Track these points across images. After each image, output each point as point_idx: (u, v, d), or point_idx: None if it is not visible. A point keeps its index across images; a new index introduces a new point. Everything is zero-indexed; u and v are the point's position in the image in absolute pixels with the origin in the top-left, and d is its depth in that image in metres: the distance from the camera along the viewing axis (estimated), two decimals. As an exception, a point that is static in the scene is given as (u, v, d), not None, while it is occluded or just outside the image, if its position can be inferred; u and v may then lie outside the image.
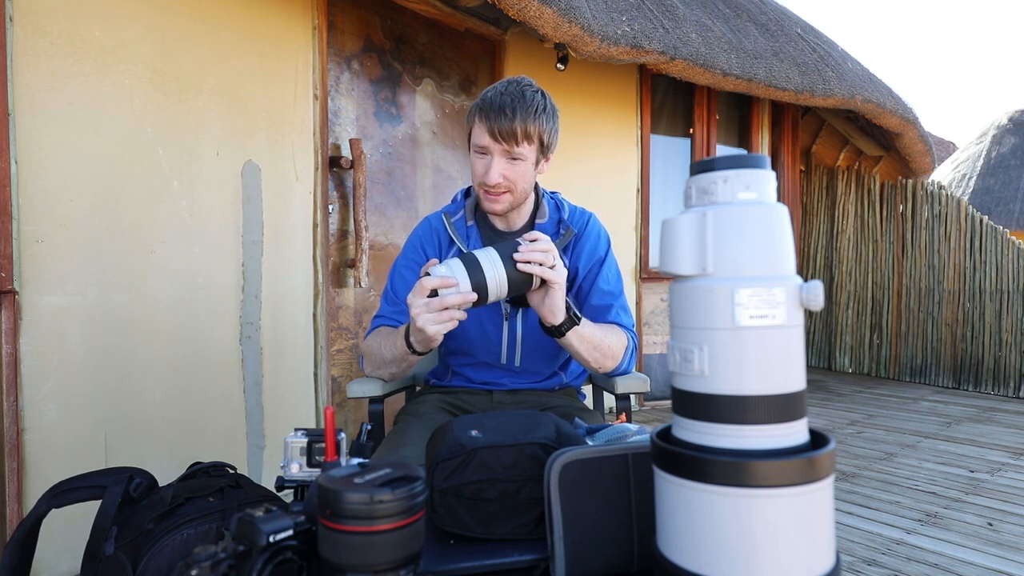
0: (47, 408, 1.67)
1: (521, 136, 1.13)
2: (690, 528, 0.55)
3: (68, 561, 1.68)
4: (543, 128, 1.16)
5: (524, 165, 1.17)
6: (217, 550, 0.52)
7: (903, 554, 1.90)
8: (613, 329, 1.22)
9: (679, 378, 0.59)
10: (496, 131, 1.12)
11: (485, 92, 1.17)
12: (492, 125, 1.12)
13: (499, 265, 0.99)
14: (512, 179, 1.16)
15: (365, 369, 1.27)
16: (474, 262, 0.98)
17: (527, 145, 1.15)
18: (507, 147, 1.13)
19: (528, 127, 1.13)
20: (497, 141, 1.13)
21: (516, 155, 1.15)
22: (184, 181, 1.96)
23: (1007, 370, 4.31)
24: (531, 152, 1.16)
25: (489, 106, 1.13)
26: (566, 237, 1.25)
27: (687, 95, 4.00)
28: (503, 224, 1.27)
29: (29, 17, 1.64)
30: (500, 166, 1.15)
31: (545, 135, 1.17)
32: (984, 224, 4.43)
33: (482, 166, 1.16)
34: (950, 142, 10.64)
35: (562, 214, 1.29)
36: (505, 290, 1.00)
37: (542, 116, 1.15)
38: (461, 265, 0.98)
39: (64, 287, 1.70)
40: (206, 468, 0.93)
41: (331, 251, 2.43)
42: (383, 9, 2.58)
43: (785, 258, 0.57)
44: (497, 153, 1.14)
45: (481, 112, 1.14)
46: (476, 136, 1.16)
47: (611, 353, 1.18)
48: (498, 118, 1.12)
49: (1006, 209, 7.39)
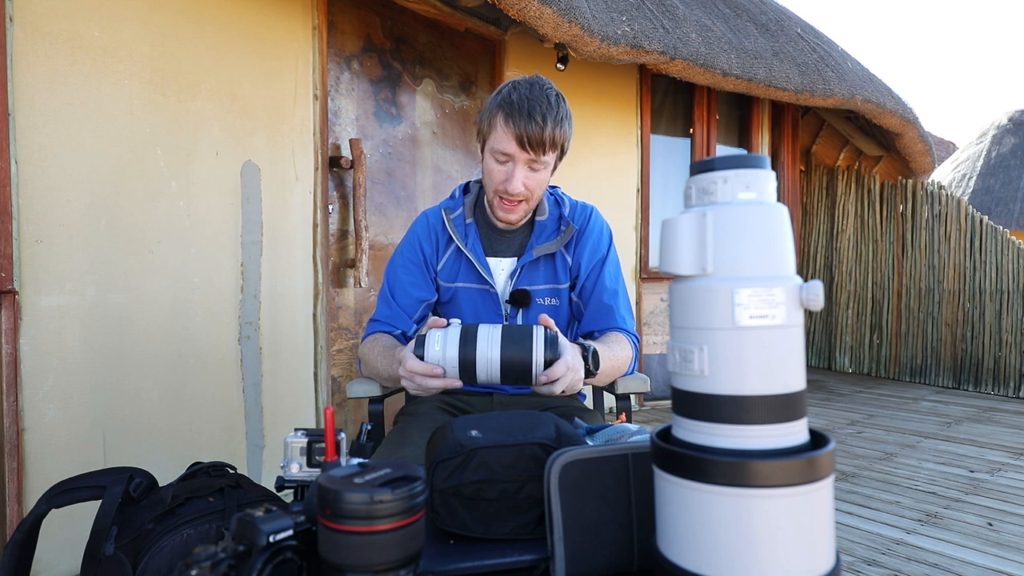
0: (47, 408, 1.67)
1: (549, 146, 1.08)
2: (690, 528, 0.55)
3: (68, 561, 1.68)
4: (567, 135, 1.12)
5: (545, 173, 1.14)
6: (217, 550, 0.52)
7: (903, 554, 1.90)
8: (620, 343, 1.19)
9: (679, 378, 0.59)
10: (526, 139, 1.06)
11: (506, 93, 1.10)
12: (522, 132, 1.06)
13: (496, 349, 0.91)
14: (531, 188, 1.13)
15: (363, 372, 1.26)
16: (471, 339, 0.91)
17: (552, 153, 1.11)
18: (534, 156, 1.09)
19: (556, 135, 1.08)
20: (525, 150, 1.08)
21: (539, 163, 1.10)
22: (183, 181, 1.95)
23: (1007, 370, 4.31)
24: (552, 160, 1.14)
25: (517, 111, 1.06)
26: (567, 234, 1.23)
27: (687, 95, 4.00)
28: (504, 222, 1.25)
29: (29, 17, 1.64)
30: (522, 174, 1.10)
31: (566, 142, 1.13)
32: (984, 224, 4.43)
33: (503, 173, 1.11)
34: (950, 142, 10.64)
35: (562, 209, 1.26)
36: (497, 376, 0.92)
37: (565, 122, 1.11)
38: (456, 339, 0.91)
39: (63, 287, 1.70)
40: (206, 468, 0.93)
41: (331, 251, 2.43)
42: (383, 9, 2.58)
43: (785, 258, 0.57)
44: (521, 161, 1.10)
45: (507, 116, 1.07)
46: (498, 141, 1.10)
47: (622, 369, 1.19)
48: (529, 125, 1.06)
49: (1006, 209, 7.39)
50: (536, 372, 0.91)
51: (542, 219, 1.25)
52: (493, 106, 1.12)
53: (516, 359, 0.91)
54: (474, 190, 1.30)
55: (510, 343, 0.91)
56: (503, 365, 0.91)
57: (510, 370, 0.91)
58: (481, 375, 0.92)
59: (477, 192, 1.29)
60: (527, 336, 0.92)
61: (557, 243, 1.23)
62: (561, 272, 1.24)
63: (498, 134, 1.10)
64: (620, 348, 1.17)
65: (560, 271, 1.24)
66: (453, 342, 0.91)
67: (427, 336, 0.93)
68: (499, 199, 1.15)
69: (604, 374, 1.11)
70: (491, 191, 1.17)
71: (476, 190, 1.30)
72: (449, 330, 0.93)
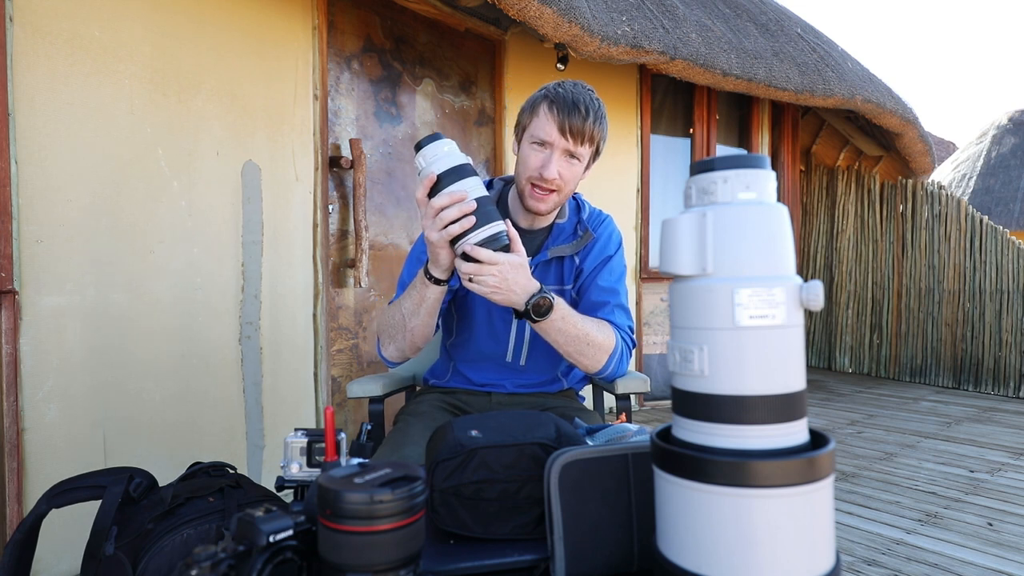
0: (47, 408, 1.67)
1: (587, 137, 1.12)
2: (690, 528, 0.55)
3: (68, 561, 1.68)
4: (603, 133, 1.16)
5: (579, 167, 1.16)
6: (217, 550, 0.52)
7: (903, 554, 1.90)
8: (601, 325, 1.16)
9: (679, 378, 0.59)
10: (568, 126, 1.10)
11: (552, 87, 1.15)
12: (564, 120, 1.10)
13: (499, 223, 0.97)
14: (565, 178, 1.15)
15: (381, 349, 1.21)
16: (460, 177, 0.96)
17: (588, 147, 1.14)
18: (572, 145, 1.12)
19: (594, 130, 1.13)
20: (565, 137, 1.11)
21: (576, 154, 1.14)
22: (184, 181, 1.96)
23: (1007, 370, 4.31)
24: (587, 155, 1.16)
25: (562, 101, 1.11)
26: (584, 239, 1.24)
27: (687, 95, 4.00)
28: (525, 222, 1.25)
29: (29, 17, 1.64)
30: (559, 162, 1.13)
31: (602, 142, 1.17)
32: (984, 224, 4.43)
33: (540, 159, 1.14)
34: (950, 142, 10.64)
35: (582, 215, 1.28)
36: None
37: (604, 120, 1.15)
38: (452, 165, 0.95)
39: (64, 287, 1.70)
40: (206, 468, 0.93)
41: (331, 251, 2.43)
42: (383, 9, 2.58)
43: (785, 258, 0.57)
44: (559, 149, 1.13)
45: (552, 105, 1.12)
46: (539, 129, 1.13)
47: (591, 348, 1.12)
48: (572, 114, 1.10)
49: (1006, 209, 7.39)
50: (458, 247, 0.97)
51: (561, 222, 1.26)
52: (537, 97, 1.16)
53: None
54: (497, 187, 1.30)
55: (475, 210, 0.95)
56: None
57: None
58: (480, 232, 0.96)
59: (500, 189, 1.30)
60: (487, 218, 0.96)
61: (573, 247, 1.24)
62: (568, 273, 1.25)
63: (540, 120, 1.13)
64: (596, 327, 1.14)
65: (567, 272, 1.25)
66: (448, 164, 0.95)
67: (434, 143, 0.96)
68: (531, 187, 1.16)
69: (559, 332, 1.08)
70: (524, 179, 1.17)
71: (499, 187, 1.30)
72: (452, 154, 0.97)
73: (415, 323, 1.12)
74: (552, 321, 1.05)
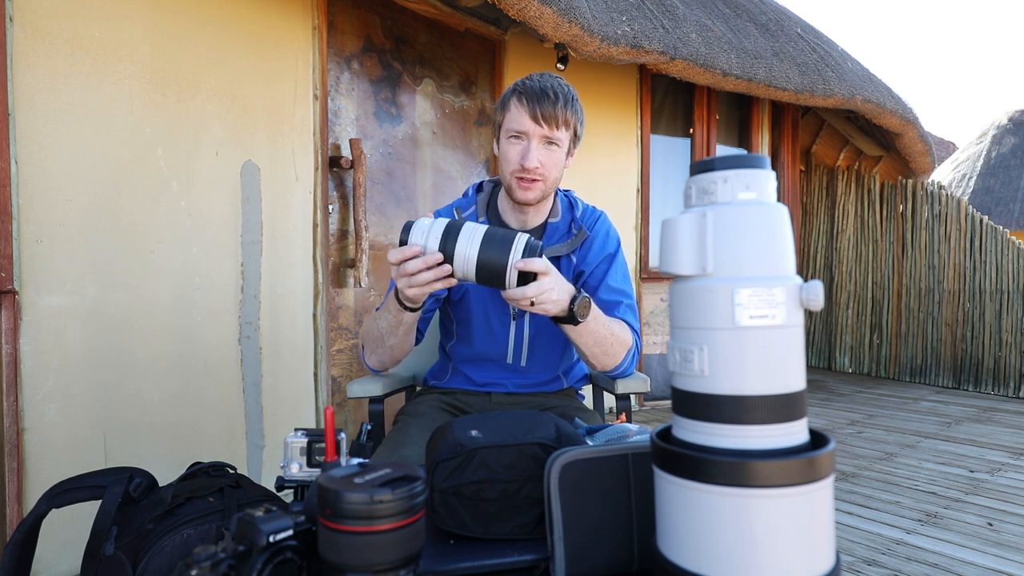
0: (47, 408, 1.67)
1: (561, 121, 1.13)
2: (690, 528, 0.55)
3: (68, 561, 1.68)
4: (578, 116, 1.17)
5: (559, 153, 1.17)
6: (217, 550, 0.52)
7: (903, 554, 1.90)
8: (620, 324, 1.19)
9: (679, 378, 0.59)
10: (539, 113, 1.12)
11: (518, 82, 1.17)
12: (536, 108, 1.12)
13: (475, 246, 0.90)
14: (547, 166, 1.15)
15: (365, 356, 1.23)
16: (454, 233, 0.91)
17: (564, 131, 1.15)
18: (547, 131, 1.13)
19: (567, 114, 1.14)
20: (539, 124, 1.12)
21: (554, 140, 1.15)
22: (183, 181, 1.95)
23: (1007, 370, 4.31)
24: (566, 140, 1.17)
25: (529, 91, 1.13)
26: (578, 238, 1.24)
27: (687, 95, 4.00)
28: (517, 223, 1.25)
29: (29, 17, 1.64)
30: (538, 150, 1.14)
31: (579, 125, 1.18)
32: (984, 224, 4.43)
33: (519, 151, 1.15)
34: (950, 142, 10.64)
35: (575, 212, 1.28)
36: (472, 274, 0.92)
37: (576, 103, 1.17)
38: (440, 231, 0.91)
39: (63, 287, 1.70)
40: (206, 468, 0.93)
41: (331, 251, 2.43)
42: (383, 9, 2.58)
43: (785, 258, 0.57)
44: (536, 137, 1.14)
45: (521, 96, 1.14)
46: (513, 121, 1.15)
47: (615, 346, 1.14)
48: (541, 101, 1.12)
49: (1006, 209, 7.39)
50: (509, 276, 0.91)
51: (555, 221, 1.26)
52: (507, 93, 1.18)
53: (492, 259, 0.90)
54: (487, 189, 1.31)
55: (490, 244, 0.91)
56: (479, 263, 0.90)
57: (484, 269, 0.91)
58: (457, 271, 0.92)
59: (490, 191, 1.30)
60: (508, 240, 0.91)
61: (568, 246, 1.24)
62: (565, 274, 1.24)
63: (513, 113, 1.15)
64: (618, 326, 1.17)
65: (565, 273, 1.25)
66: (436, 235, 0.91)
67: (413, 225, 0.93)
68: (516, 179, 1.16)
69: (592, 334, 1.08)
70: (508, 174, 1.17)
71: (489, 189, 1.31)
72: (435, 222, 0.93)
73: (393, 342, 1.15)
74: (588, 322, 1.06)
